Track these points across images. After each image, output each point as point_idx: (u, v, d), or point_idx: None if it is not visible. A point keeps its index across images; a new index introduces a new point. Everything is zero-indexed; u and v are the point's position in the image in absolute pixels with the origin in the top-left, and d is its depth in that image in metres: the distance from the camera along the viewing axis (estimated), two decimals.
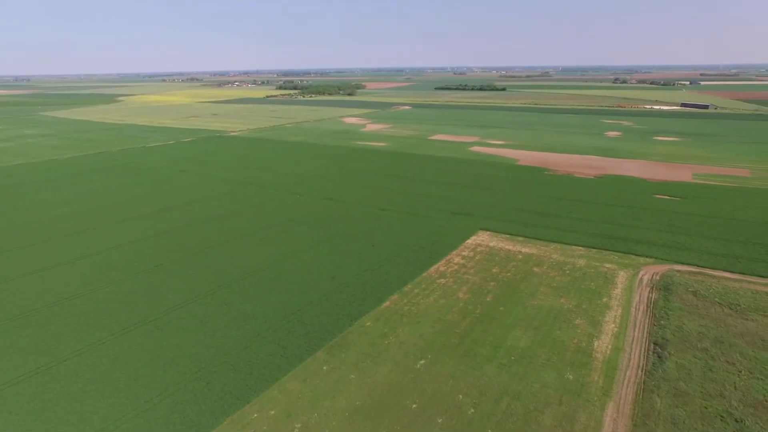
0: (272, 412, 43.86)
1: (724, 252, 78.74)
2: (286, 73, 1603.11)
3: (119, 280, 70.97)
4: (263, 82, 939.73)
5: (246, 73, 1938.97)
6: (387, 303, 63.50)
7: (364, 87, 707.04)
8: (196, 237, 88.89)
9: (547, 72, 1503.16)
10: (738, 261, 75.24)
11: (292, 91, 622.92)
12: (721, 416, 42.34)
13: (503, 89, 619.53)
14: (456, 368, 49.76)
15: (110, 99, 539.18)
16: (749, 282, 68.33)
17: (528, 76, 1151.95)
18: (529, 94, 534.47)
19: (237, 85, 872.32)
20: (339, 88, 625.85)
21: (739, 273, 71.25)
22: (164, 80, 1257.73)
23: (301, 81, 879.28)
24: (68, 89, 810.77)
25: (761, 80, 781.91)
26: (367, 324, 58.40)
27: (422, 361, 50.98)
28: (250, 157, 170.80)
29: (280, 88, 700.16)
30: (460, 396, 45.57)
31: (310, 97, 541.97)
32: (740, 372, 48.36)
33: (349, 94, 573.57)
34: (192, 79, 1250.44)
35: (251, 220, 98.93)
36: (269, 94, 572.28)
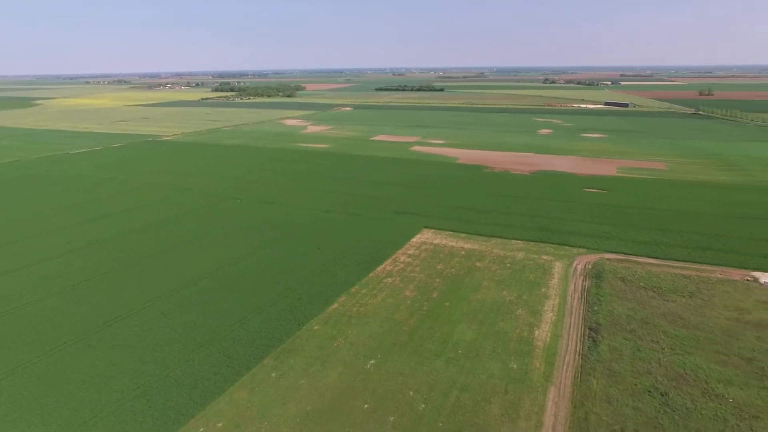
0: (219, 425, 42.36)
1: (647, 239, 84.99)
2: (222, 75, 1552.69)
3: (44, 296, 65.76)
4: (198, 84, 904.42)
5: (179, 74, 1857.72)
6: (335, 305, 63.15)
7: (303, 88, 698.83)
8: (130, 247, 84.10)
9: (483, 73, 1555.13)
10: (659, 247, 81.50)
11: (228, 94, 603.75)
12: (649, 391, 45.69)
13: (441, 90, 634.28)
14: (406, 366, 50.34)
15: (27, 103, 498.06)
16: (669, 266, 74.21)
17: (464, 77, 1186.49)
18: (466, 95, 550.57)
19: (169, 88, 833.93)
20: (278, 89, 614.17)
21: (660, 258, 77.21)
22: (88, 82, 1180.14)
23: (239, 83, 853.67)
24: None
25: (672, 81, 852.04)
26: (316, 327, 57.79)
27: (372, 361, 51.15)
28: (186, 162, 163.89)
29: (216, 90, 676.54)
30: (411, 392, 46.17)
31: (248, 99, 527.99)
32: (663, 349, 52.41)
33: (288, 96, 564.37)
34: (119, 82, 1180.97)
35: (189, 227, 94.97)
36: (204, 97, 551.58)
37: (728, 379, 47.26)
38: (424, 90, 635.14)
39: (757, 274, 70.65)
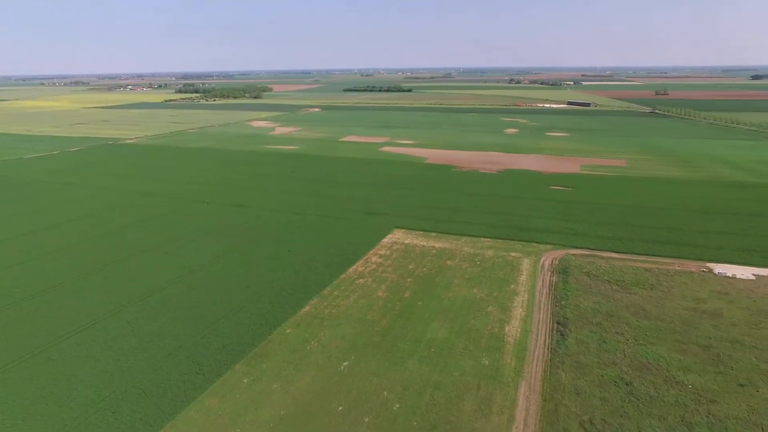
0: None
1: (610, 235, 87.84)
2: (185, 76, 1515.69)
3: None
4: (160, 86, 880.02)
5: (140, 76, 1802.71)
6: (307, 308, 62.62)
7: (270, 89, 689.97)
8: (91, 255, 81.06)
9: (450, 73, 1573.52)
10: (621, 242, 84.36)
11: (193, 95, 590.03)
12: (615, 382, 47.24)
13: (410, 90, 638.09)
14: (379, 366, 50.39)
15: None
16: (631, 260, 76.92)
17: (432, 78, 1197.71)
18: (434, 95, 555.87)
19: (130, 89, 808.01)
20: (244, 91, 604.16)
21: (623, 252, 79.92)
22: (43, 84, 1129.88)
23: (203, 84, 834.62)
24: None
25: (630, 81, 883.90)
26: (288, 331, 57.17)
27: (346, 363, 50.98)
28: (150, 166, 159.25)
29: (180, 91, 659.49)
30: (385, 393, 46.25)
31: (214, 100, 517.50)
32: (627, 340, 54.29)
33: (255, 97, 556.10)
34: (77, 83, 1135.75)
35: (154, 232, 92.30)
36: (168, 99, 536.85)
37: (687, 366, 49.36)
38: (393, 90, 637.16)
39: (711, 265, 74.05)
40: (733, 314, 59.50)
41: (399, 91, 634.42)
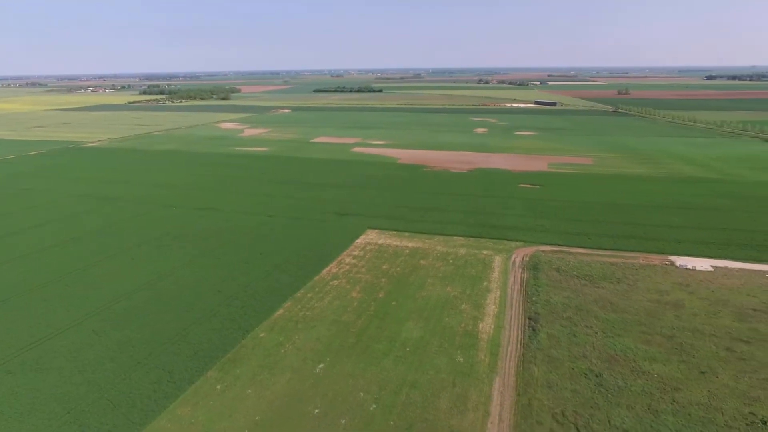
0: None
1: (578, 231, 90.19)
2: (149, 77, 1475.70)
3: None
4: (123, 87, 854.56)
5: (101, 77, 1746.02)
6: (280, 311, 61.93)
7: (239, 91, 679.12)
8: (52, 263, 77.95)
9: (419, 74, 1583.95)
10: (588, 238, 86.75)
11: (158, 97, 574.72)
12: (585, 374, 48.55)
13: (380, 91, 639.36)
14: (355, 367, 50.29)
15: None
16: (598, 255, 79.19)
17: (402, 78, 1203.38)
18: (404, 95, 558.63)
19: (92, 91, 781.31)
20: (212, 92, 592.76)
21: (590, 248, 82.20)
22: None
23: (169, 85, 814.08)
24: None
25: (594, 81, 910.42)
26: (261, 335, 56.40)
27: (321, 365, 50.67)
28: (114, 170, 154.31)
29: (144, 93, 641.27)
30: (362, 394, 46.19)
31: (180, 102, 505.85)
32: (596, 333, 55.88)
33: (223, 99, 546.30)
34: (33, 84, 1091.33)
35: (119, 238, 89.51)
36: (132, 100, 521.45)
37: (653, 356, 51.17)
38: (363, 91, 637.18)
39: (673, 258, 76.99)
40: (693, 305, 62.03)
41: (369, 91, 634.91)
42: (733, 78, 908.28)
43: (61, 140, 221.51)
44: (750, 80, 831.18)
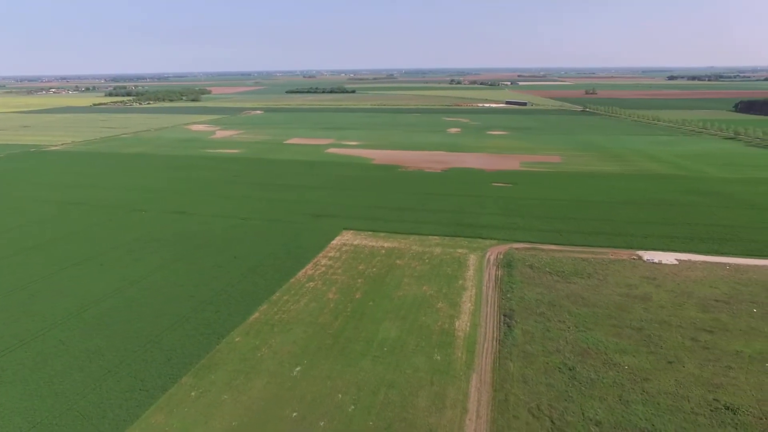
0: None
1: (549, 228, 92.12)
2: (116, 78, 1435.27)
3: None
4: (88, 89, 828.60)
5: (65, 78, 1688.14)
6: (256, 314, 61.16)
7: (209, 92, 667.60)
8: (16, 271, 74.94)
9: (392, 74, 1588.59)
10: (560, 234, 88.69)
11: (125, 98, 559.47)
12: (559, 368, 49.63)
13: (353, 91, 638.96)
14: (333, 369, 50.08)
15: None
16: (569, 251, 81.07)
17: (375, 78, 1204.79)
18: (378, 96, 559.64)
19: (54, 92, 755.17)
20: (181, 93, 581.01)
21: (562, 244, 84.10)
22: None
23: (136, 87, 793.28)
24: None
25: (562, 81, 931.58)
26: (237, 339, 55.57)
27: (298, 368, 50.27)
28: (80, 174, 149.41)
29: (111, 94, 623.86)
30: (340, 395, 46.04)
31: (148, 104, 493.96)
32: (569, 328, 57.20)
33: (193, 100, 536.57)
34: None
35: (87, 244, 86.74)
36: (97, 102, 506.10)
37: (623, 348, 52.70)
38: (336, 92, 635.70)
39: (640, 252, 79.47)
40: (660, 297, 64.18)
41: (342, 92, 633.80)
42: (693, 78, 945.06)
43: (21, 144, 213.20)
44: (708, 80, 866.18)
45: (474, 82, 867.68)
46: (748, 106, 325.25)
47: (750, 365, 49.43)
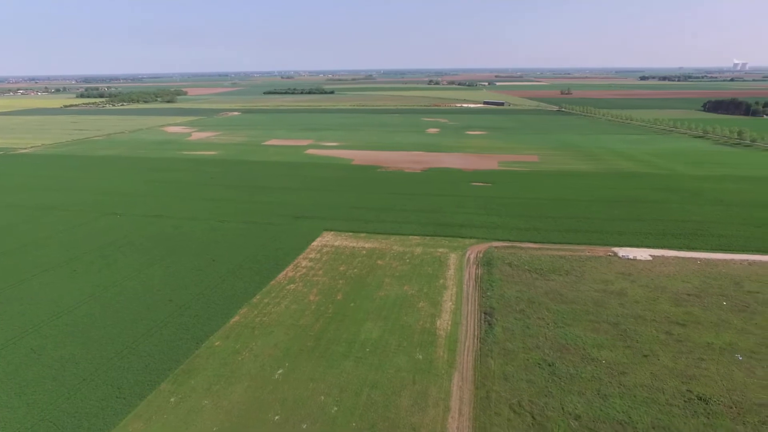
0: None
1: (528, 226, 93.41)
2: (87, 79, 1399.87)
3: None
4: (58, 90, 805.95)
5: (33, 79, 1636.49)
6: (236, 318, 60.42)
7: (185, 93, 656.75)
8: None
9: (371, 75, 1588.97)
10: (538, 232, 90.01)
11: (97, 100, 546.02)
12: (539, 364, 50.38)
13: (332, 92, 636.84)
14: (315, 371, 49.82)
15: None
16: (547, 249, 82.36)
17: (354, 79, 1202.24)
18: (357, 97, 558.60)
19: (22, 94, 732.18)
20: (156, 94, 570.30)
21: (540, 242, 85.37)
22: None
23: (109, 88, 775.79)
24: None
25: (538, 81, 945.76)
26: (216, 344, 54.80)
27: (280, 371, 49.85)
28: (51, 177, 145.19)
29: (82, 96, 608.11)
30: (322, 397, 45.83)
31: (122, 105, 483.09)
32: (548, 324, 58.11)
33: (168, 101, 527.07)
34: None
35: (59, 250, 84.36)
36: (68, 104, 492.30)
37: (600, 343, 53.81)
38: (315, 93, 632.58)
39: (616, 249, 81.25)
40: (635, 292, 65.75)
41: (321, 93, 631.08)
42: (664, 78, 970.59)
43: None
44: (678, 81, 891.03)
45: (452, 83, 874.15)
46: (716, 106, 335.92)
47: (720, 356, 51.06)
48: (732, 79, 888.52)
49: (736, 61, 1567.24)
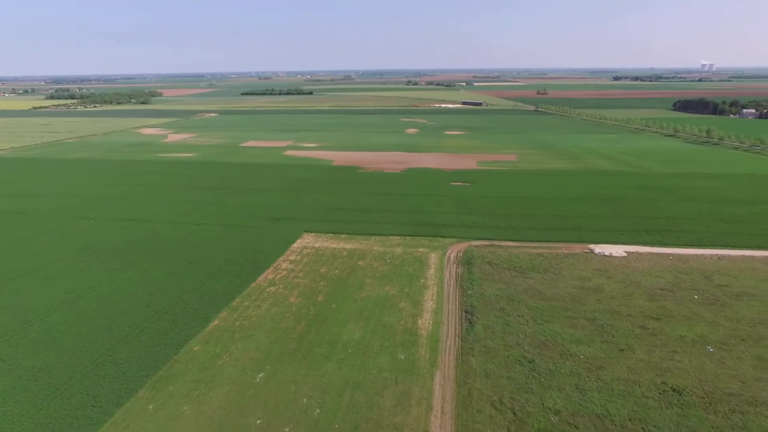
0: None
1: (506, 225, 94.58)
2: (57, 80, 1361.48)
3: None
4: (26, 91, 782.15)
5: (0, 80, 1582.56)
6: (216, 322, 59.58)
7: (160, 94, 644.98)
8: None
9: (349, 75, 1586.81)
10: (517, 231, 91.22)
11: (68, 101, 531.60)
12: (519, 361, 51.06)
13: (310, 93, 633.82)
14: (297, 373, 49.49)
15: None
16: (526, 247, 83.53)
17: (332, 80, 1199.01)
18: (335, 97, 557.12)
19: None
20: (130, 96, 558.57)
21: (519, 241, 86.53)
22: None
23: (80, 89, 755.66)
24: None
25: (515, 81, 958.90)
26: (196, 348, 53.94)
27: (261, 374, 49.36)
28: (20, 181, 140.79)
29: (52, 97, 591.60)
30: (305, 399, 45.56)
31: (94, 107, 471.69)
32: (528, 321, 58.94)
33: (143, 103, 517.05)
34: None
35: (28, 256, 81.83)
36: (37, 106, 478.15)
37: (578, 339, 54.83)
38: (293, 93, 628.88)
39: (592, 246, 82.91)
40: (611, 288, 67.21)
41: (299, 93, 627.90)
42: (636, 79, 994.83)
43: None
44: (650, 81, 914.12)
45: (430, 83, 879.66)
46: (685, 105, 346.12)
47: (693, 348, 52.59)
48: (700, 80, 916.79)
49: (704, 62, 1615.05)
